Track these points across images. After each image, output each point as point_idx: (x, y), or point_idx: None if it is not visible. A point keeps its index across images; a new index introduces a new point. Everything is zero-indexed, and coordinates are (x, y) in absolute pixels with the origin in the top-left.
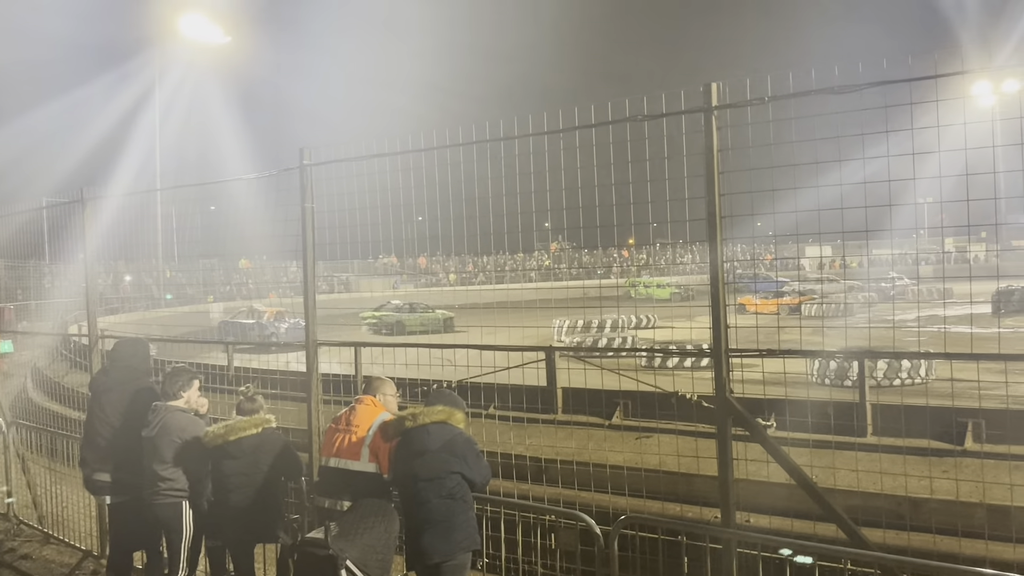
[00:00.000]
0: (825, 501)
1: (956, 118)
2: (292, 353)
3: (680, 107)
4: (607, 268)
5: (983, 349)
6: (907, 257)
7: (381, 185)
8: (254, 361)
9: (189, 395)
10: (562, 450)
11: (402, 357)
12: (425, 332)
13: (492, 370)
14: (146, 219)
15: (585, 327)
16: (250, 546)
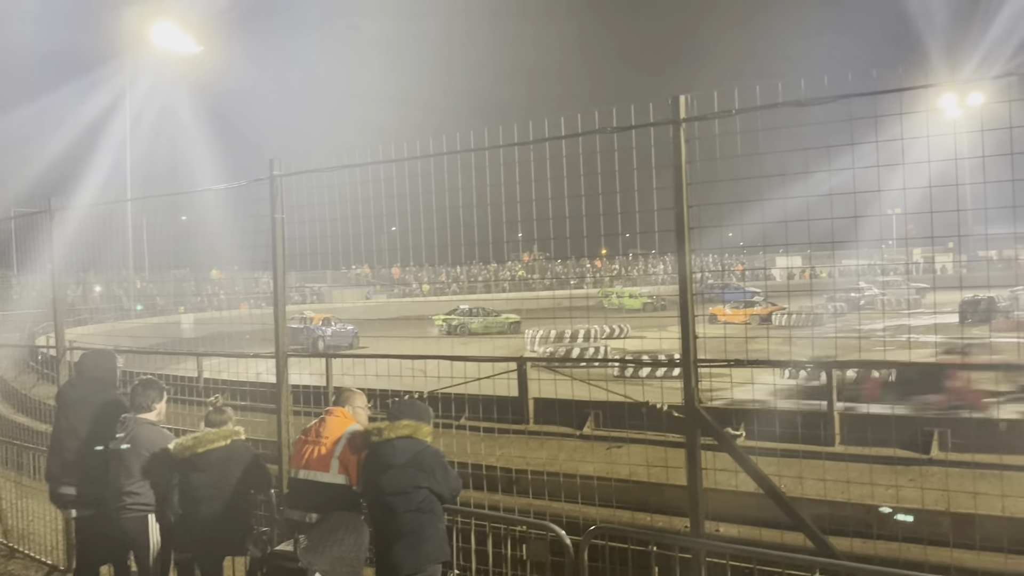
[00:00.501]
0: (793, 510)
1: (925, 130)
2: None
3: (649, 119)
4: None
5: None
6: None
7: (353, 196)
8: (224, 372)
9: (160, 408)
10: (533, 460)
11: (373, 368)
12: (489, 334)
13: (463, 381)
14: (116, 230)
15: (558, 337)
16: (219, 559)
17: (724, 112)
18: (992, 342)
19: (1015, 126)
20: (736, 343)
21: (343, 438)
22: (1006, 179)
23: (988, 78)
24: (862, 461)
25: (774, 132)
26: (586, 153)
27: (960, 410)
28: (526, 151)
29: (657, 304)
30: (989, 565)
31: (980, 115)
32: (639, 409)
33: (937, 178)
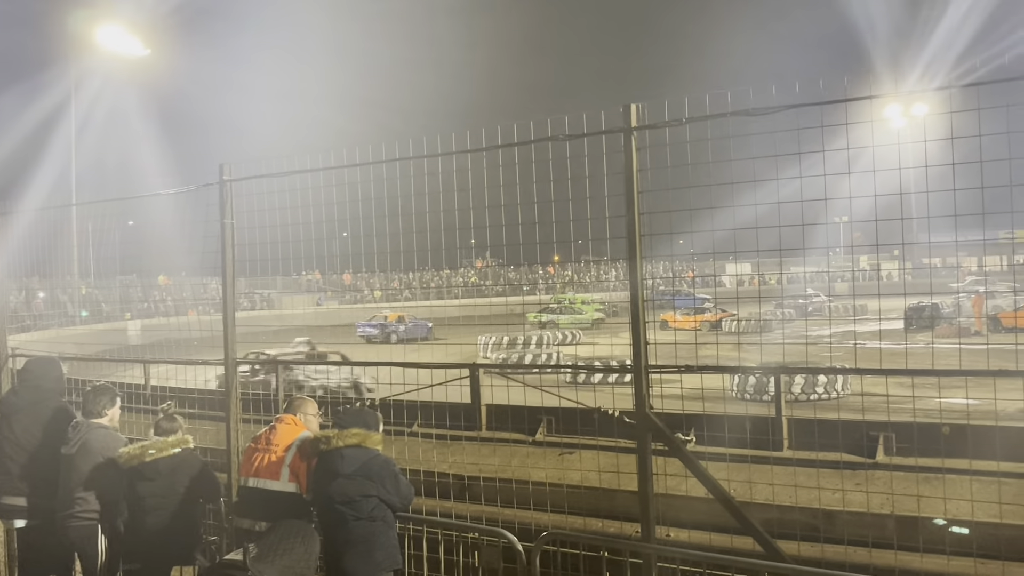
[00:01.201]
0: (742, 515)
1: (871, 140)
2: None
3: (601, 127)
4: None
5: (894, 364)
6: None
7: (305, 201)
8: (172, 379)
9: (112, 413)
10: (485, 467)
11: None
12: (574, 327)
13: (415, 388)
14: (61, 234)
15: (511, 343)
16: (167, 569)
17: (674, 121)
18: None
19: (956, 136)
20: (687, 349)
21: (294, 445)
22: (948, 188)
23: (930, 90)
24: (809, 466)
25: (724, 141)
26: (539, 160)
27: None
28: (479, 157)
29: (609, 310)
30: (931, 566)
31: (923, 126)
32: (591, 415)
33: (885, 187)
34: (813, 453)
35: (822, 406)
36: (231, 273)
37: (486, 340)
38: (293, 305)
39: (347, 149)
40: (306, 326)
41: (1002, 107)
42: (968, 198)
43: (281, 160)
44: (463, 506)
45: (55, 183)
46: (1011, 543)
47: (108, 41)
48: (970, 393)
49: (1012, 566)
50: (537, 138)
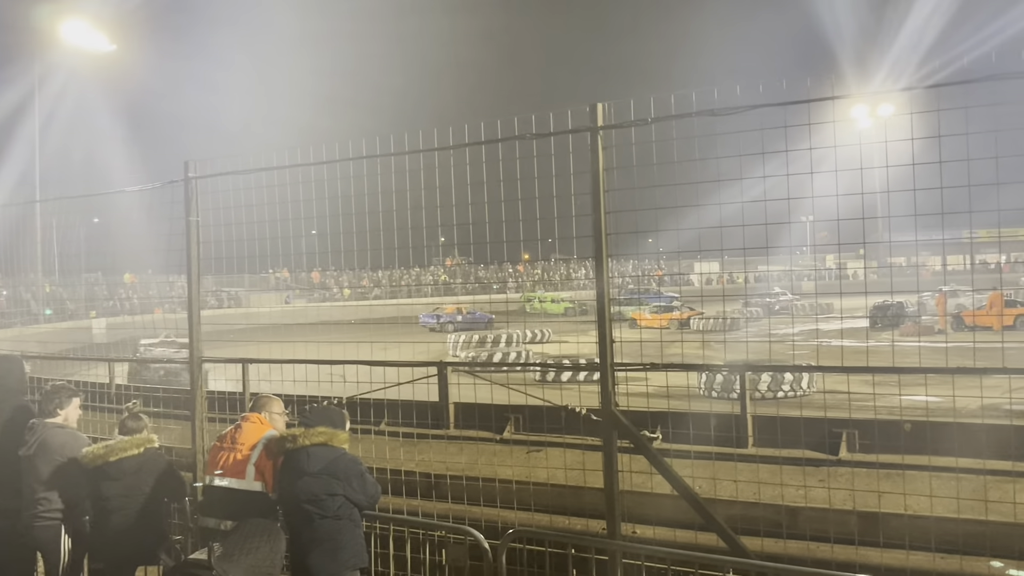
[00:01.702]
0: (706, 511)
1: (840, 139)
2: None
3: (567, 126)
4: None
5: (857, 362)
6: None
7: (272, 198)
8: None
9: (67, 412)
10: (453, 465)
11: (291, 374)
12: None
13: (383, 386)
14: (25, 231)
15: (480, 342)
16: (132, 569)
17: (640, 120)
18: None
19: (917, 137)
20: (654, 347)
21: (259, 444)
22: (910, 188)
23: (892, 91)
24: (773, 462)
25: (690, 141)
26: (506, 159)
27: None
28: (447, 155)
29: (578, 309)
30: (891, 561)
31: (885, 127)
32: (558, 413)
33: (851, 187)
34: (777, 450)
35: (787, 404)
36: (196, 271)
37: (455, 338)
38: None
39: (315, 147)
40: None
41: (961, 108)
42: (932, 198)
43: (248, 157)
44: (430, 504)
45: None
46: (969, 538)
47: (73, 36)
48: (931, 390)
49: (970, 560)
50: (505, 137)
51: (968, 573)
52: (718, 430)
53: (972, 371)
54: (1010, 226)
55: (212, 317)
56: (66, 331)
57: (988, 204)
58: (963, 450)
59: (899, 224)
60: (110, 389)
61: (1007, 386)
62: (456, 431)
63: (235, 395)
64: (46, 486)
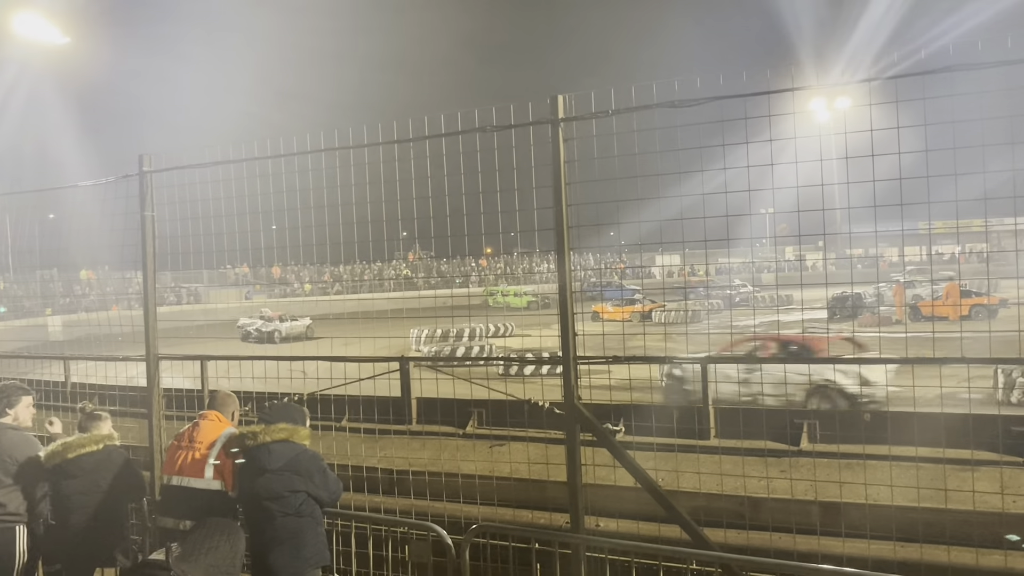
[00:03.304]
0: (669, 504)
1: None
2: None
3: (528, 118)
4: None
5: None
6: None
7: (230, 193)
8: (93, 376)
9: (16, 411)
10: (416, 461)
11: (250, 370)
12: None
13: (344, 382)
14: None
15: (443, 336)
16: (90, 570)
17: (600, 112)
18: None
19: (876, 128)
20: (616, 339)
21: (218, 442)
22: (869, 180)
23: (852, 82)
24: (735, 454)
25: (651, 133)
26: (467, 151)
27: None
28: (407, 148)
29: (541, 302)
30: (852, 551)
31: (844, 118)
32: (521, 407)
33: (810, 178)
34: (739, 441)
35: None
36: (152, 267)
37: (418, 333)
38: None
39: (273, 141)
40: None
41: (919, 99)
42: (890, 189)
43: (204, 151)
44: (392, 500)
45: None
46: (928, 526)
47: (25, 28)
48: (890, 380)
49: (929, 548)
50: (465, 129)
51: (928, 561)
52: (680, 422)
53: (930, 361)
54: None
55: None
56: (21, 329)
57: (945, 196)
58: (922, 439)
59: (857, 216)
60: (66, 388)
61: (964, 375)
62: (419, 426)
63: (193, 392)
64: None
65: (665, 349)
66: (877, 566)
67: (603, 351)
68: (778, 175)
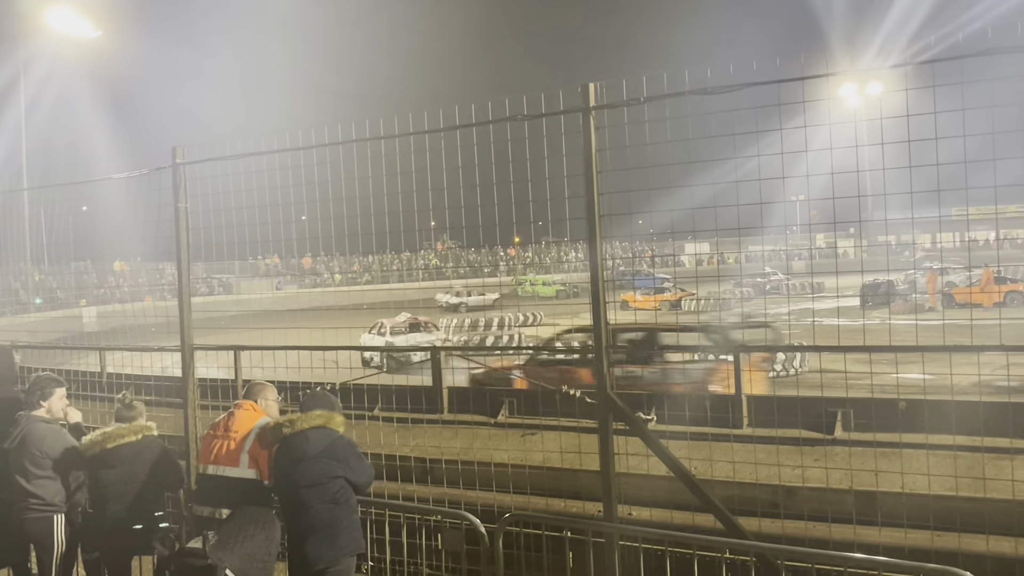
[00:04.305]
0: (703, 492)
1: (828, 118)
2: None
3: (559, 107)
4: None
5: (851, 341)
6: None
7: (261, 184)
8: (128, 366)
9: (50, 404)
10: (448, 450)
11: (283, 360)
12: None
13: (376, 371)
14: (12, 220)
15: (472, 325)
16: (127, 558)
17: (632, 100)
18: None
19: (912, 114)
20: None
21: (253, 432)
22: (904, 166)
23: (887, 67)
24: (769, 443)
25: (683, 120)
26: (497, 141)
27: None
28: (437, 139)
29: (570, 291)
30: (889, 540)
31: (879, 103)
32: (553, 396)
33: (842, 165)
34: (772, 430)
35: (781, 383)
36: (186, 258)
37: (447, 322)
38: (252, 290)
39: (303, 133)
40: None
41: (957, 84)
42: (924, 175)
43: (236, 143)
44: (425, 489)
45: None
46: (966, 516)
47: (58, 22)
48: (926, 368)
49: (967, 537)
50: (496, 118)
51: (966, 550)
52: (712, 411)
53: (969, 348)
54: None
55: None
56: (56, 320)
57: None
58: (960, 428)
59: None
60: (101, 378)
61: (1001, 362)
62: (450, 415)
63: (227, 382)
64: (31, 480)
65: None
66: (913, 555)
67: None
68: (809, 162)
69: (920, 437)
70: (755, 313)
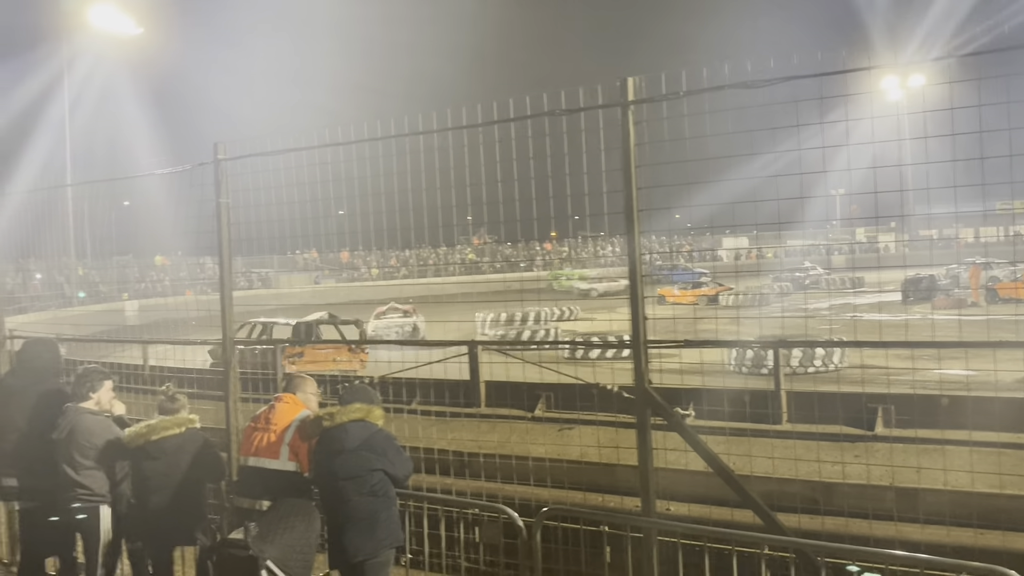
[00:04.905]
0: (742, 488)
1: (868, 112)
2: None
3: (597, 101)
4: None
5: (892, 336)
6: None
7: (300, 180)
8: (170, 359)
9: (99, 396)
10: (485, 444)
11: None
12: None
13: (414, 365)
14: (56, 215)
15: (508, 320)
16: (170, 549)
17: (671, 94)
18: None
19: (956, 107)
20: (685, 324)
21: (293, 424)
22: (947, 160)
23: (930, 60)
24: (809, 438)
25: (721, 114)
26: (535, 135)
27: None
28: (475, 133)
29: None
30: (931, 538)
31: (922, 96)
32: (590, 390)
33: (883, 159)
34: (812, 426)
35: (820, 379)
36: (228, 252)
37: (484, 317)
38: (290, 284)
39: (342, 128)
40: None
41: (1002, 77)
42: (966, 169)
43: (276, 139)
44: (463, 482)
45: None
46: (1011, 514)
47: (100, 20)
48: (969, 364)
49: (1012, 536)
50: (534, 113)
51: (1010, 549)
52: (751, 406)
53: (1014, 344)
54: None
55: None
56: (99, 313)
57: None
58: (1004, 424)
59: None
60: (144, 371)
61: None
62: (488, 409)
63: (267, 375)
64: (79, 471)
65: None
66: (957, 553)
67: (672, 335)
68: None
69: (963, 434)
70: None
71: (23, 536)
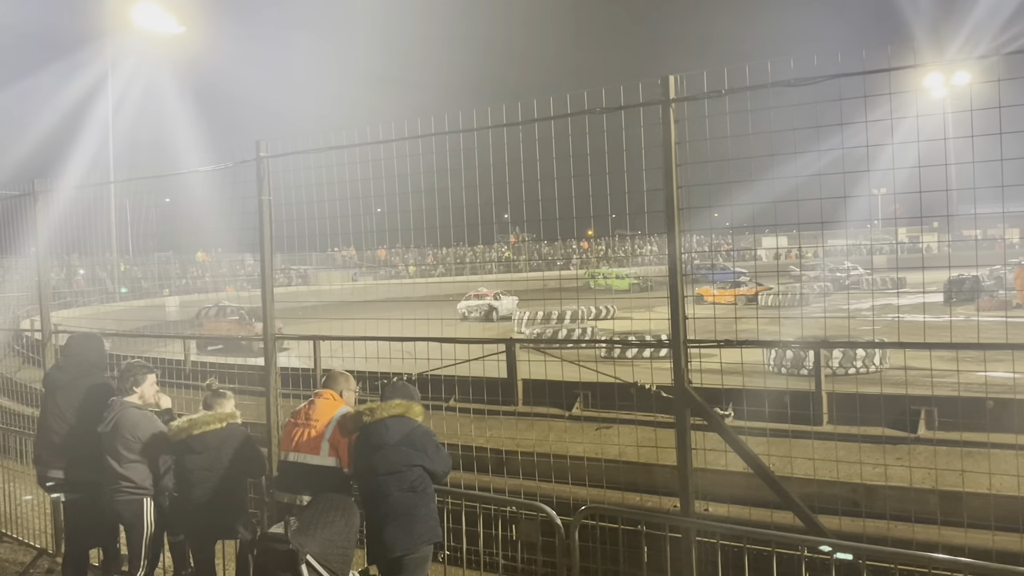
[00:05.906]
0: (782, 489)
1: (912, 110)
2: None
3: (638, 99)
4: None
5: (936, 337)
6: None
7: (339, 177)
8: (211, 354)
9: (143, 390)
10: (523, 442)
11: (362, 350)
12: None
13: (452, 362)
14: (100, 212)
15: (545, 318)
16: (211, 542)
17: (713, 92)
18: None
19: (1003, 106)
20: (724, 323)
21: (333, 420)
22: (993, 159)
23: (975, 58)
24: (850, 440)
25: (763, 113)
26: (575, 133)
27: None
28: (515, 131)
29: (644, 285)
30: (975, 542)
31: (969, 94)
32: (628, 390)
33: (926, 158)
34: (853, 427)
35: (862, 380)
36: (269, 249)
37: (520, 315)
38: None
39: (383, 126)
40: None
41: None
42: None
43: (317, 136)
44: (501, 480)
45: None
46: None
47: (143, 19)
48: (1016, 366)
49: None
50: (575, 111)
51: None
52: (792, 407)
53: None
54: None
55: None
56: (141, 309)
57: None
58: None
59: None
60: (185, 366)
61: None
62: (525, 407)
63: (307, 371)
64: (123, 463)
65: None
66: (1001, 558)
67: (711, 335)
68: (890, 155)
69: (1009, 437)
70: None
71: (68, 527)
